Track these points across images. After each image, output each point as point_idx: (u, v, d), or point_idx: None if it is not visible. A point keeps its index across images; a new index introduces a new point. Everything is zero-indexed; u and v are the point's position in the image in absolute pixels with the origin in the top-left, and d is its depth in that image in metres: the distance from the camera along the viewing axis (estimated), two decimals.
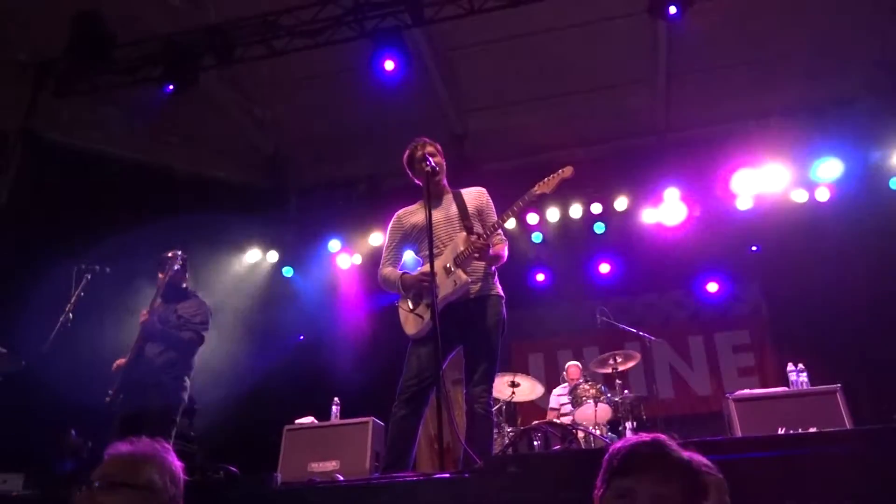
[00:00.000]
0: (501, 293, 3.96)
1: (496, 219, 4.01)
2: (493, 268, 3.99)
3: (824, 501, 2.13)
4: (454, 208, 4.03)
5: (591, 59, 8.40)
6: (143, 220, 7.05)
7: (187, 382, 5.19)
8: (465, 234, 3.90)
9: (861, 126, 8.05)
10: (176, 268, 5.08)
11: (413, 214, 4.16)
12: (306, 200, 9.91)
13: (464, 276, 3.75)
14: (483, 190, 4.21)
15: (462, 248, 3.82)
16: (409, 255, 4.30)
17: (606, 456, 1.69)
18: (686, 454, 1.64)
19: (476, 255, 3.79)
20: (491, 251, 3.87)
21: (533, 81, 8.75)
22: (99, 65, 7.22)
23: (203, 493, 2.47)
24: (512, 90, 8.94)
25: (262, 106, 9.21)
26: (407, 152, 4.14)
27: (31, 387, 5.27)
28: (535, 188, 3.90)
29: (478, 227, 3.98)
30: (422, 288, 3.85)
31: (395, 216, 4.24)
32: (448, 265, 3.81)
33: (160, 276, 5.13)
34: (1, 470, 3.04)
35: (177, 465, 2.18)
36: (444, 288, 3.79)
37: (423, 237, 3.99)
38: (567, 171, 3.93)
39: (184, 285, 5.32)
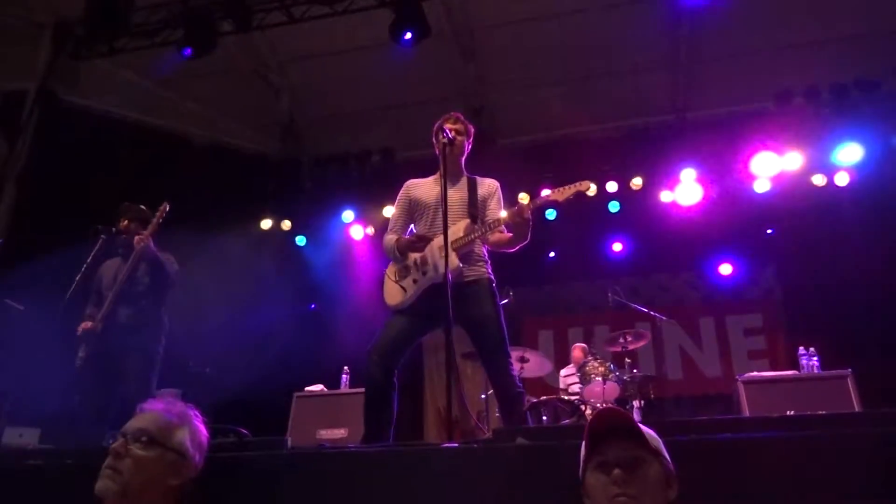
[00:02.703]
0: (493, 277, 3.95)
1: (500, 212, 3.99)
2: (487, 254, 3.99)
3: (830, 484, 2.14)
4: (465, 192, 4.00)
5: (613, 39, 8.29)
6: (158, 185, 7.07)
7: (163, 344, 5.07)
8: (468, 220, 3.88)
9: (884, 110, 7.92)
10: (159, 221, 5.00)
11: (420, 187, 4.13)
12: (321, 170, 9.91)
13: (456, 262, 3.72)
14: (497, 183, 4.15)
15: (461, 235, 3.80)
16: None
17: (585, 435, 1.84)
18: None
19: (471, 242, 3.83)
20: (490, 239, 3.93)
21: (553, 59, 8.65)
22: (117, 28, 7.21)
23: (214, 454, 2.50)
24: (532, 67, 8.84)
25: (280, 75, 9.19)
26: (436, 124, 4.12)
27: (47, 344, 5.34)
28: (550, 193, 3.85)
29: (480, 216, 3.97)
30: (413, 255, 3.88)
31: (404, 185, 4.22)
32: (443, 246, 3.79)
33: (124, 223, 5.00)
34: (18, 425, 3.10)
35: (204, 434, 2.23)
36: (436, 268, 3.79)
37: (424, 212, 4.00)
38: (585, 185, 3.86)
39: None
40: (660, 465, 1.75)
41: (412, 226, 4.11)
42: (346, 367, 6.28)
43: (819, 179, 8.43)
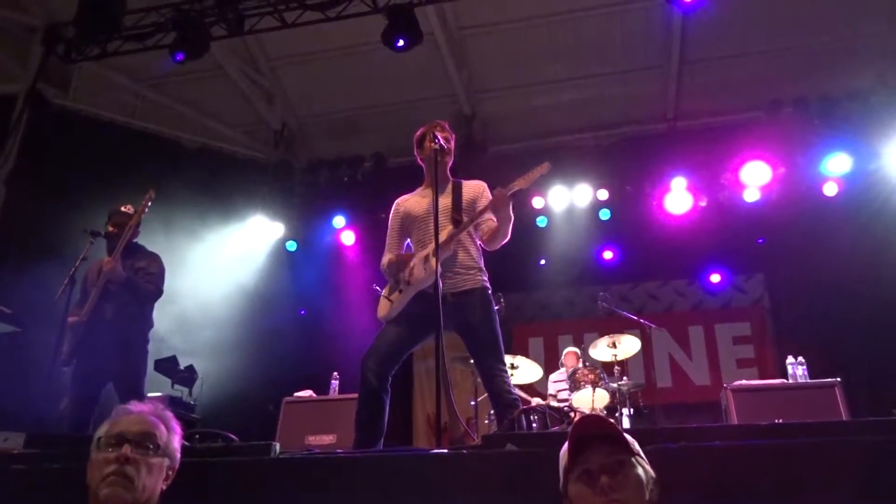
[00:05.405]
0: (488, 286, 3.95)
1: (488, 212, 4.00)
2: (482, 262, 3.99)
3: (818, 492, 2.14)
4: (449, 199, 4.01)
5: (604, 45, 8.37)
6: (148, 189, 7.04)
7: (150, 340, 5.07)
8: (451, 227, 3.89)
9: (874, 121, 7.97)
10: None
11: (408, 201, 4.15)
12: (312, 176, 9.89)
13: (439, 268, 3.71)
14: (484, 184, 4.15)
15: (442, 240, 3.80)
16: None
17: (564, 447, 1.85)
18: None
19: (452, 244, 3.83)
20: (484, 229, 3.93)
21: (544, 65, 8.71)
22: (109, 31, 7.19)
23: (201, 459, 2.49)
24: (523, 73, 8.89)
25: (272, 79, 9.19)
26: (419, 131, 4.12)
27: (34, 347, 5.30)
28: (514, 183, 3.87)
29: (467, 220, 3.96)
30: (399, 271, 3.91)
31: (394, 205, 4.23)
32: (429, 255, 3.80)
33: (110, 229, 4.97)
34: (2, 428, 3.07)
35: (179, 431, 2.22)
36: (418, 275, 3.81)
37: (414, 226, 4.02)
38: (544, 168, 3.91)
39: (135, 240, 5.12)
40: (641, 467, 1.78)
41: (409, 240, 4.12)
42: (335, 373, 6.26)
43: (808, 190, 8.47)
